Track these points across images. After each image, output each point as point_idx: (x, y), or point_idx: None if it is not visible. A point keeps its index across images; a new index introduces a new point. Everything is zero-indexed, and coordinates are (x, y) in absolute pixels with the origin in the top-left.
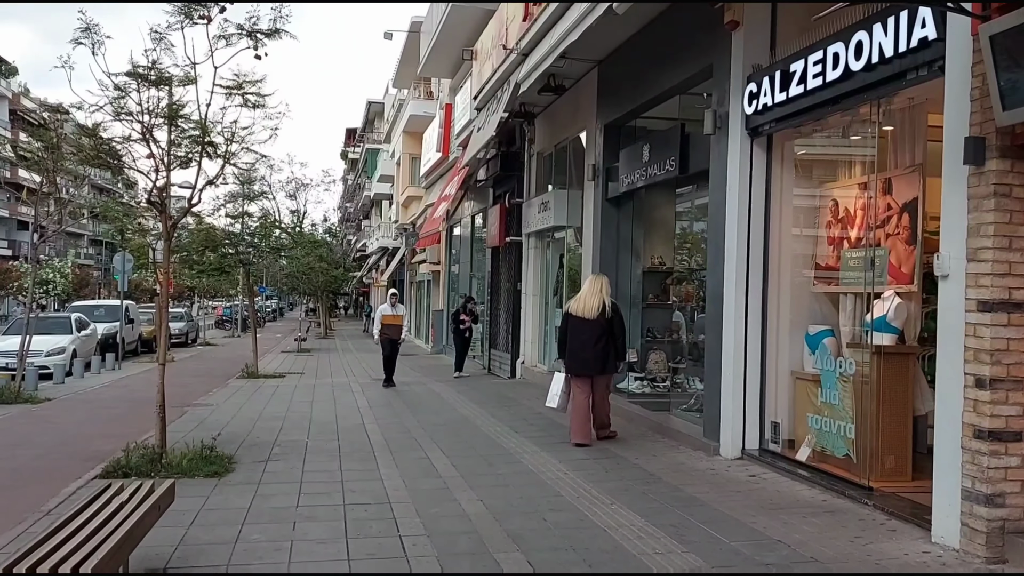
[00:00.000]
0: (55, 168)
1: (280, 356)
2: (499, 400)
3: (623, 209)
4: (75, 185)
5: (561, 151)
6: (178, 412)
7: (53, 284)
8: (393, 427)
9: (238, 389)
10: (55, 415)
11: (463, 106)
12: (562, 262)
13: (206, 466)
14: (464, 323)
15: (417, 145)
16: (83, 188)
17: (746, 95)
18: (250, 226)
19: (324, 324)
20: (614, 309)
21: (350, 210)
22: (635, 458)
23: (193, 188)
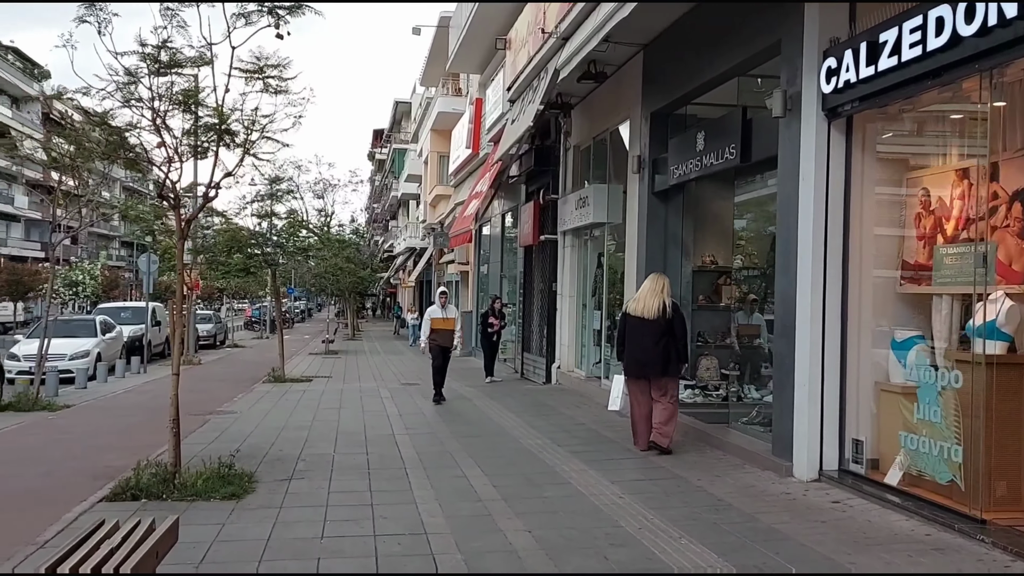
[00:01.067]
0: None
1: (308, 358)
2: (536, 408)
3: (671, 203)
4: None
5: (600, 144)
6: (200, 421)
7: (83, 286)
8: (425, 438)
9: (264, 394)
10: (70, 424)
11: (494, 100)
12: (600, 261)
13: (223, 487)
14: (492, 326)
15: (445, 143)
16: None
17: (823, 72)
18: (276, 226)
19: (352, 325)
20: (675, 309)
21: (377, 211)
22: (696, 478)
23: (210, 180)
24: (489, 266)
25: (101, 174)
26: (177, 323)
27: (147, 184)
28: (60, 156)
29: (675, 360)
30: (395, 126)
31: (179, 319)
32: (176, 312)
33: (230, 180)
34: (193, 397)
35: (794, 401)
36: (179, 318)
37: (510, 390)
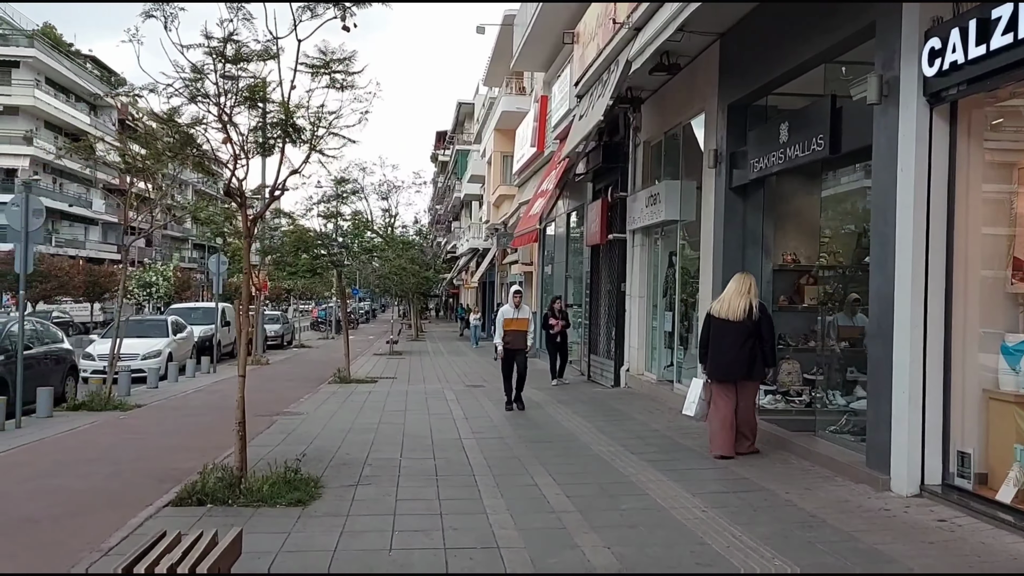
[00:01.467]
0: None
1: (372, 359)
2: (606, 412)
3: (751, 199)
4: (178, 190)
5: (672, 139)
6: (267, 422)
7: (156, 287)
8: (492, 443)
9: (330, 395)
10: (141, 424)
11: (561, 96)
12: (672, 261)
13: (289, 492)
14: (553, 327)
15: (509, 143)
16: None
17: (925, 54)
18: (342, 227)
19: (415, 326)
20: (762, 310)
21: (440, 212)
22: (784, 491)
23: (276, 178)
24: (553, 266)
25: (172, 177)
26: (244, 324)
27: (217, 187)
28: (132, 159)
29: (761, 363)
30: (458, 127)
31: (246, 320)
32: (243, 313)
33: (297, 180)
34: (261, 397)
35: (892, 409)
36: (246, 319)
37: (577, 393)
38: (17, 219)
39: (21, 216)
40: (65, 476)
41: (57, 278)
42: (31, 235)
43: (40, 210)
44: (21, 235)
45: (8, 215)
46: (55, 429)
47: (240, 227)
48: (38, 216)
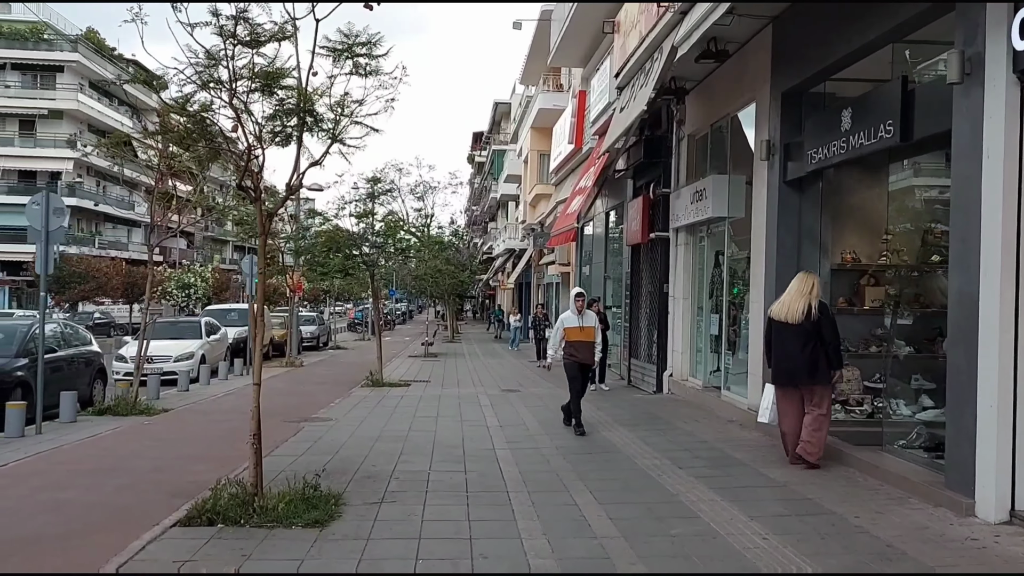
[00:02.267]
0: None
1: (407, 361)
2: (649, 421)
3: (807, 193)
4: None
5: (718, 132)
6: (293, 429)
7: (194, 288)
8: (528, 454)
9: (361, 400)
10: (164, 430)
11: (600, 90)
12: (718, 260)
13: (307, 511)
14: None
15: (546, 141)
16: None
17: (1016, 26)
18: (375, 226)
19: (451, 328)
20: (822, 311)
21: (476, 213)
22: (854, 515)
23: (293, 170)
24: (591, 267)
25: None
26: (259, 328)
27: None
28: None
29: (824, 366)
30: (494, 127)
31: (261, 323)
32: (256, 315)
33: (329, 176)
34: (291, 401)
35: (976, 423)
36: (261, 322)
37: (618, 399)
38: (38, 218)
39: (41, 215)
40: (75, 488)
41: (95, 279)
42: (52, 235)
43: (61, 209)
44: (41, 234)
45: (29, 214)
46: (76, 435)
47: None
48: (59, 215)
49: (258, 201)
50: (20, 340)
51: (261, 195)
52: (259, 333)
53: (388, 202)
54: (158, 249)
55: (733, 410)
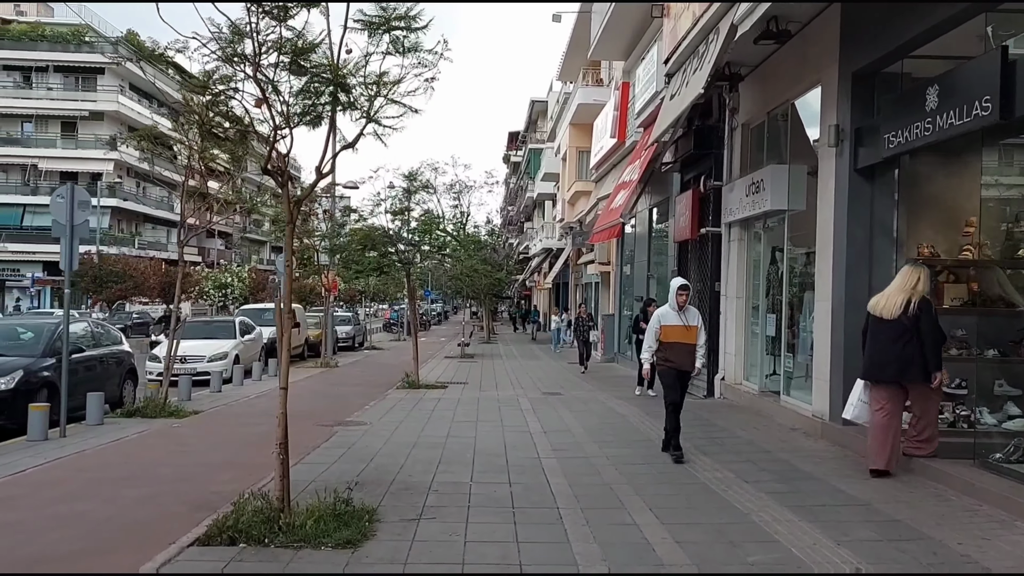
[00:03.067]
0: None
1: (443, 362)
2: (704, 429)
3: (880, 182)
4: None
5: (776, 120)
6: (326, 433)
7: (231, 288)
8: (577, 464)
9: (397, 402)
10: (193, 433)
11: (646, 79)
12: (775, 256)
13: (338, 529)
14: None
15: (585, 137)
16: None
17: None
18: (411, 224)
19: (487, 328)
20: (922, 307)
21: (511, 213)
22: (956, 541)
23: (323, 152)
24: (633, 266)
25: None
26: (286, 325)
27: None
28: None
29: (919, 364)
30: (531, 126)
31: (288, 320)
32: (284, 313)
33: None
34: (324, 403)
35: None
36: (288, 319)
37: None
38: (63, 212)
39: (66, 208)
40: (92, 499)
41: (132, 278)
42: (77, 229)
43: (87, 202)
44: (66, 228)
45: (53, 207)
46: (101, 439)
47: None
48: (84, 209)
49: (285, 187)
50: (47, 339)
51: (289, 180)
52: (287, 332)
53: (424, 200)
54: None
55: (795, 417)
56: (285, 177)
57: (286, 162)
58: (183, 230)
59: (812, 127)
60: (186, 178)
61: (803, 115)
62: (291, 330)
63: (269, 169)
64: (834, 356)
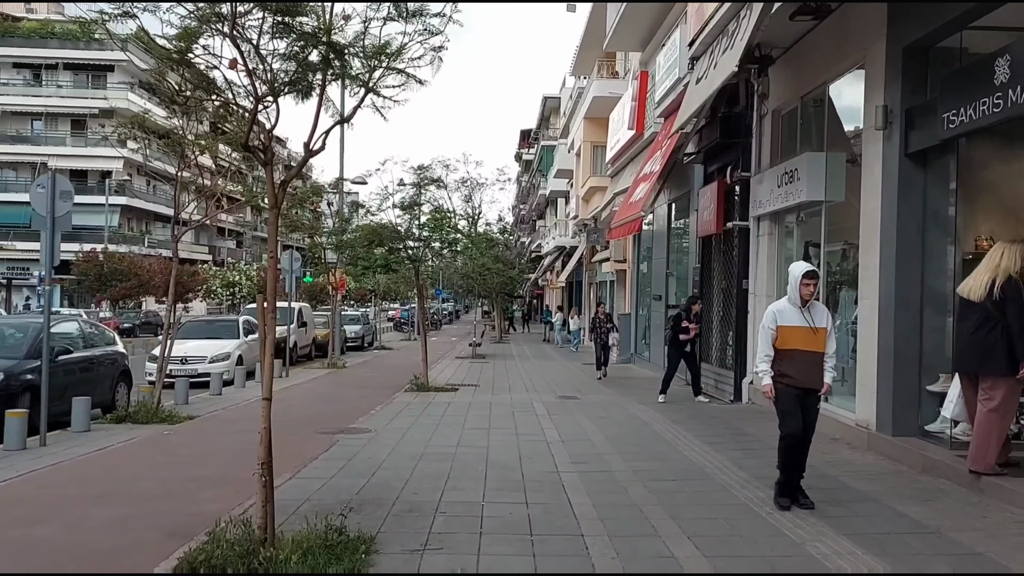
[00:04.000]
0: None
1: (454, 363)
2: (735, 438)
3: (934, 167)
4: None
5: (811, 104)
6: (326, 442)
7: (239, 286)
8: (600, 480)
9: (404, 407)
10: (183, 442)
11: (667, 65)
12: (808, 252)
13: (329, 564)
14: (688, 332)
15: (600, 131)
16: None
17: None
18: (420, 219)
19: (499, 328)
20: (1007, 289)
21: (523, 211)
22: None
23: (313, 127)
24: (651, 263)
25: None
26: (268, 327)
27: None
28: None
29: (1003, 353)
30: (543, 123)
31: (272, 321)
32: (266, 312)
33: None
34: (328, 407)
35: None
36: (272, 320)
37: (693, 410)
38: (42, 202)
39: (47, 199)
40: (55, 522)
41: (137, 276)
42: (59, 221)
43: (69, 192)
44: (47, 221)
45: (33, 198)
46: (83, 449)
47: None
48: (66, 199)
49: (268, 166)
50: (32, 340)
51: (273, 158)
52: (270, 334)
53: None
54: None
55: (835, 426)
56: (269, 155)
57: (271, 137)
58: (177, 225)
59: (853, 111)
60: (179, 169)
61: (842, 98)
62: (274, 333)
63: (250, 145)
64: (882, 360)
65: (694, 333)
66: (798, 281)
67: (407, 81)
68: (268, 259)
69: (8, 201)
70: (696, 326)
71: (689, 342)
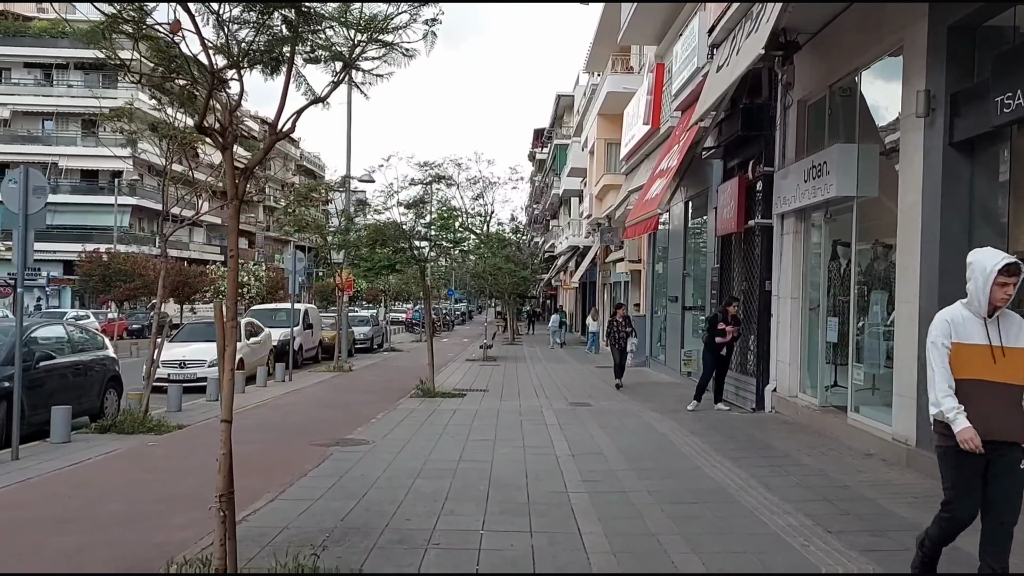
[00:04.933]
0: None
1: (464, 366)
2: (759, 453)
3: (983, 158)
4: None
5: (841, 94)
6: (319, 455)
7: (248, 287)
8: (613, 503)
9: (408, 414)
10: (165, 455)
11: (685, 56)
12: (836, 251)
13: None
14: (725, 335)
15: (614, 128)
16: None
17: None
18: (426, 217)
19: (512, 329)
20: None
21: (536, 212)
22: None
23: (280, 105)
24: (667, 263)
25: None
26: (229, 336)
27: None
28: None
29: None
30: (556, 122)
31: (232, 332)
32: (226, 316)
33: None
34: (326, 415)
35: None
36: (231, 331)
37: (713, 420)
38: (14, 199)
39: (19, 195)
40: (1, 552)
41: (141, 276)
42: (31, 219)
43: (43, 187)
44: (19, 218)
45: (4, 194)
46: (58, 462)
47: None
48: (40, 195)
49: (228, 151)
50: (10, 345)
51: (234, 142)
52: (230, 345)
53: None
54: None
55: (869, 440)
56: (227, 138)
57: (230, 118)
58: (167, 222)
59: (888, 99)
60: (168, 162)
61: (876, 86)
62: (234, 345)
63: (205, 127)
64: (922, 369)
65: (731, 336)
66: (990, 278)
67: (389, 52)
68: (229, 258)
69: None
70: (735, 328)
71: (725, 346)
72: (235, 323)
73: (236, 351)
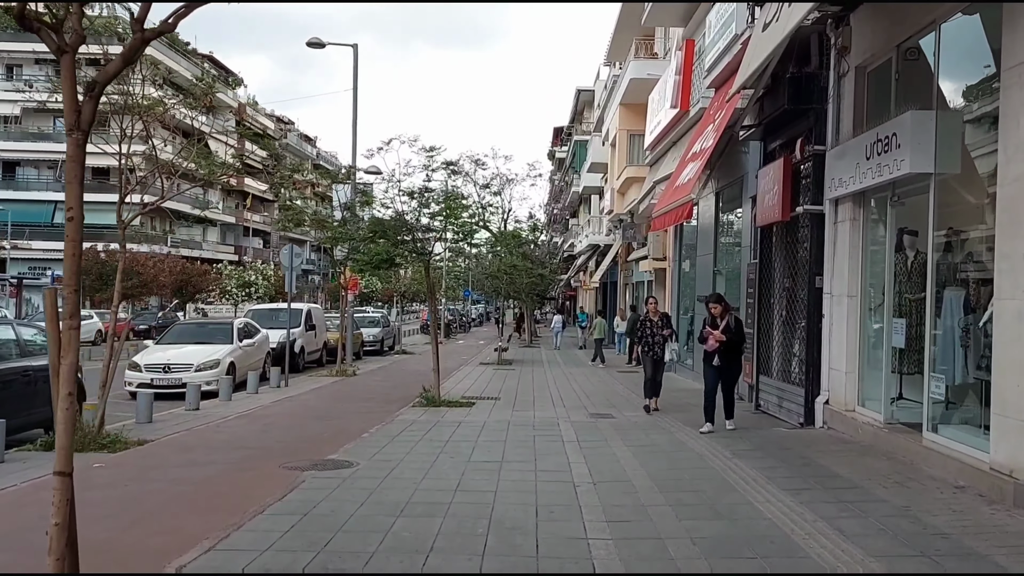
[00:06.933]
0: None
1: (477, 370)
2: (821, 482)
3: None
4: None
5: (909, 55)
6: (287, 482)
7: (255, 286)
8: (647, 554)
9: (405, 428)
10: (106, 482)
11: (719, 25)
12: (902, 241)
13: None
14: (707, 341)
15: (638, 118)
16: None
17: None
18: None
19: (529, 331)
20: None
21: (555, 210)
22: None
23: None
24: (695, 261)
25: None
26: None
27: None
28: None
29: None
30: (576, 118)
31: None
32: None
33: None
34: (311, 429)
35: None
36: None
37: (755, 438)
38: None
39: (290, 258)
40: None
41: (139, 275)
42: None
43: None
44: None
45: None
46: None
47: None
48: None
49: (70, 54)
50: None
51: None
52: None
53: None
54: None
55: (955, 467)
56: (70, 37)
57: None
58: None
59: (974, 57)
60: (122, 138)
61: (956, 44)
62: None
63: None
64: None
65: (715, 342)
66: None
67: None
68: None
69: (28, 200)
70: (718, 333)
71: (717, 354)
72: (78, 323)
73: (226, 355)
